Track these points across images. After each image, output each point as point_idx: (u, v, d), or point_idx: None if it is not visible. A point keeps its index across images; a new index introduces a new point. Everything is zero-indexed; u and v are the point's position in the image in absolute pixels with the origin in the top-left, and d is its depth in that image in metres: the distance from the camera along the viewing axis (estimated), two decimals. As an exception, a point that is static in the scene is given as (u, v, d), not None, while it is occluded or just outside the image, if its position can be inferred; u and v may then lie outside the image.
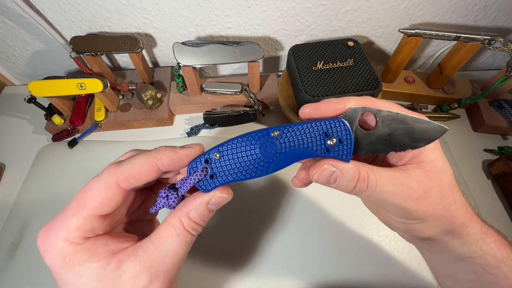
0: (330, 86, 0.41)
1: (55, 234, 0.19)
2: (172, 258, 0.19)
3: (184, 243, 0.19)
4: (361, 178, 0.20)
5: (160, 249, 0.19)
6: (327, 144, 0.20)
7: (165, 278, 0.18)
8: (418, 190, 0.20)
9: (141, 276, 0.18)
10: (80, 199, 0.20)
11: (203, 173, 0.20)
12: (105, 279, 0.18)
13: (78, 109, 0.52)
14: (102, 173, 0.20)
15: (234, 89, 0.53)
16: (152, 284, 0.18)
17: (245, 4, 0.48)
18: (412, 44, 0.46)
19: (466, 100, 0.51)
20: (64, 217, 0.20)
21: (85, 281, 0.18)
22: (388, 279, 0.39)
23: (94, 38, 0.50)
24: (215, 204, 0.20)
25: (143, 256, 0.18)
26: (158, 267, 0.18)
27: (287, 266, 0.40)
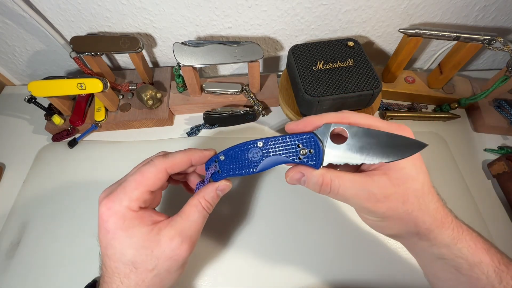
0: (330, 86, 0.41)
1: (119, 203, 0.24)
2: (195, 227, 0.26)
3: (202, 216, 0.27)
4: (324, 183, 0.24)
5: (187, 221, 0.26)
6: (300, 154, 0.25)
7: (190, 241, 0.26)
8: (377, 194, 0.23)
9: (175, 239, 0.25)
10: (138, 178, 0.26)
11: (214, 168, 0.29)
12: (149, 240, 0.24)
13: (78, 109, 0.52)
14: (153, 161, 0.27)
15: (234, 89, 0.53)
16: (182, 244, 0.25)
17: (245, 4, 0.48)
18: (412, 44, 0.46)
19: (466, 100, 0.51)
20: (126, 191, 0.25)
21: (135, 240, 0.24)
22: (388, 278, 0.39)
23: (94, 38, 0.50)
24: (221, 190, 0.28)
25: (175, 226, 0.25)
26: (186, 233, 0.25)
27: (286, 266, 0.40)
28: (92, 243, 0.43)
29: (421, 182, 0.24)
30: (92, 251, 0.42)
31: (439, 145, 0.50)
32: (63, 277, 0.41)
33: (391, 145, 0.23)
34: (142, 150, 0.51)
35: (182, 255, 0.25)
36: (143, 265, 0.24)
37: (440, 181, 0.46)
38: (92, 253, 0.42)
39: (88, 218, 0.45)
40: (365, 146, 0.24)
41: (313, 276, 0.39)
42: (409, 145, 0.23)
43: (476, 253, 0.24)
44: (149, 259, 0.24)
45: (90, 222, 0.45)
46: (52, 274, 0.41)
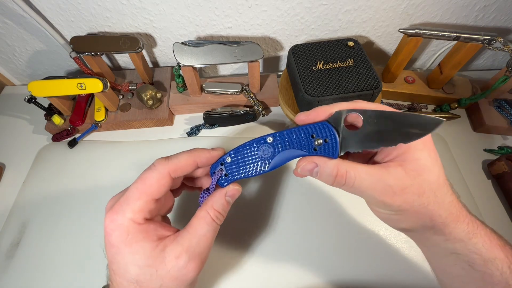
0: (330, 86, 0.41)
1: (122, 215, 0.23)
2: (204, 243, 0.24)
3: (212, 230, 0.24)
4: (339, 174, 0.23)
5: (194, 236, 0.24)
6: (314, 144, 0.23)
7: (199, 259, 0.23)
8: (394, 186, 0.22)
9: (181, 257, 0.23)
10: (140, 186, 0.24)
11: (221, 172, 0.26)
12: (153, 258, 0.22)
13: (78, 109, 0.52)
14: (155, 165, 0.25)
15: (234, 89, 0.53)
16: (190, 263, 0.23)
17: (245, 4, 0.48)
18: (412, 44, 0.46)
19: (466, 100, 0.51)
20: (128, 201, 0.23)
21: (138, 257, 0.22)
22: (388, 278, 0.39)
23: (94, 38, 0.50)
24: (230, 196, 0.26)
25: (181, 242, 0.23)
26: (194, 250, 0.23)
27: (286, 266, 0.40)
28: (92, 243, 0.43)
29: (437, 174, 0.23)
30: (91, 251, 0.42)
31: (439, 145, 0.50)
32: (63, 277, 0.41)
33: (408, 125, 0.22)
34: (142, 150, 0.51)
35: (189, 275, 0.23)
36: (148, 284, 0.22)
37: (440, 181, 0.46)
38: (92, 253, 0.42)
39: (88, 218, 0.45)
40: (381, 130, 0.22)
41: (314, 276, 0.39)
42: (426, 123, 0.22)
43: (491, 249, 0.23)
44: (154, 278, 0.22)
45: (90, 222, 0.45)
46: (52, 274, 0.41)
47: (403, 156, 0.23)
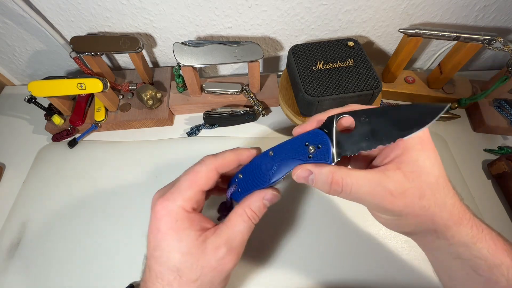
0: (330, 86, 0.41)
1: (173, 202, 0.24)
2: (240, 238, 0.25)
3: (247, 227, 0.25)
4: (334, 181, 0.22)
5: (232, 230, 0.24)
6: (308, 152, 0.23)
7: (236, 252, 0.24)
8: (393, 190, 0.21)
9: (221, 248, 0.23)
10: (191, 177, 0.25)
11: (234, 188, 0.27)
12: (196, 247, 0.23)
13: (78, 109, 0.52)
14: (204, 160, 0.26)
15: (234, 89, 0.53)
16: (227, 255, 0.24)
17: (245, 4, 0.48)
18: (412, 44, 0.46)
19: (466, 100, 0.51)
20: (180, 190, 0.25)
21: (183, 245, 0.23)
22: (388, 278, 0.39)
23: (94, 38, 0.50)
24: (268, 200, 0.26)
25: (221, 235, 0.24)
26: (231, 243, 0.24)
27: (285, 266, 0.40)
28: (92, 243, 0.43)
29: (436, 175, 0.22)
30: (92, 251, 0.42)
31: (439, 145, 0.50)
32: (63, 277, 0.41)
33: (404, 118, 0.21)
34: (142, 150, 0.51)
35: (226, 266, 0.24)
36: (188, 274, 0.23)
37: (440, 181, 0.46)
38: (92, 253, 0.42)
39: (88, 218, 0.45)
40: (375, 127, 0.22)
41: (314, 276, 0.39)
42: (424, 112, 0.21)
43: (496, 254, 0.22)
44: (194, 268, 0.23)
45: (89, 222, 0.45)
46: (52, 274, 0.41)
47: (400, 158, 0.22)
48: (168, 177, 0.51)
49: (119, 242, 0.43)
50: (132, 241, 0.43)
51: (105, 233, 0.44)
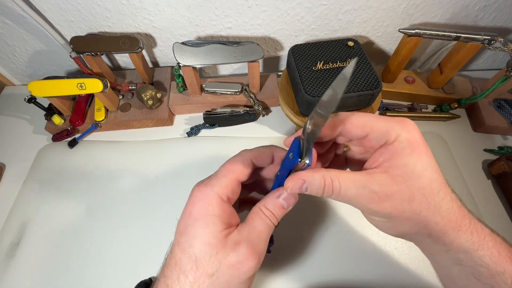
0: (330, 86, 0.41)
1: (211, 187, 0.24)
2: (258, 235, 0.24)
3: (265, 225, 0.24)
4: (327, 185, 0.22)
5: (251, 227, 0.24)
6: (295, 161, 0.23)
7: (256, 251, 0.23)
8: (378, 192, 0.22)
9: (240, 245, 0.23)
10: (228, 166, 0.26)
11: None
12: (218, 239, 0.23)
13: (78, 109, 0.52)
14: (240, 152, 0.27)
15: (234, 89, 0.53)
16: (247, 253, 0.23)
17: (245, 4, 0.48)
18: (412, 44, 0.46)
19: (466, 100, 0.51)
20: (217, 177, 0.25)
21: (206, 232, 0.23)
22: (388, 278, 0.39)
23: (94, 38, 0.50)
24: (285, 200, 0.25)
25: (241, 232, 0.24)
26: (252, 241, 0.23)
27: (284, 266, 0.40)
28: (92, 243, 0.43)
29: (429, 179, 0.22)
30: (92, 251, 0.42)
31: (439, 145, 0.50)
32: (63, 277, 0.41)
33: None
34: (142, 150, 0.51)
35: (246, 265, 0.22)
36: (204, 266, 0.22)
37: (440, 181, 0.46)
38: (92, 253, 0.42)
39: (88, 218, 0.45)
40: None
41: (313, 276, 0.39)
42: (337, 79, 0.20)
43: (499, 262, 0.22)
44: (212, 260, 0.22)
45: (89, 222, 0.45)
46: (52, 274, 0.41)
47: (389, 162, 0.22)
48: (168, 177, 0.51)
49: (119, 241, 0.43)
50: (133, 241, 0.43)
51: (105, 233, 0.44)
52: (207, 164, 0.30)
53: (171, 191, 0.47)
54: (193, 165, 0.49)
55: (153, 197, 0.46)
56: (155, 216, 0.45)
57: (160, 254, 0.27)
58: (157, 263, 0.26)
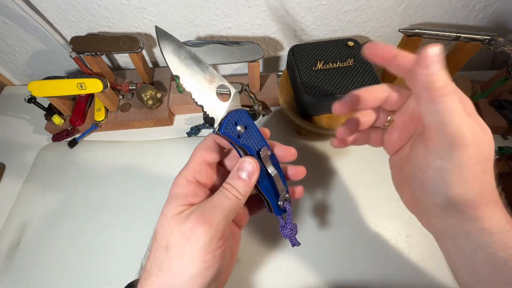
0: (330, 86, 0.41)
1: (181, 172, 0.26)
2: (213, 205, 0.23)
3: (223, 196, 0.24)
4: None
5: (207, 200, 0.24)
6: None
7: (206, 217, 0.22)
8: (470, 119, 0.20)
9: (192, 214, 0.22)
10: (194, 152, 0.27)
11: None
12: (173, 213, 0.23)
13: (78, 109, 0.52)
14: (205, 137, 0.28)
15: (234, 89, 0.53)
16: (196, 218, 0.22)
17: (245, 4, 0.48)
18: (412, 44, 0.46)
19: (466, 100, 0.51)
20: (187, 163, 0.26)
21: (167, 208, 0.24)
22: (388, 278, 0.39)
23: (94, 38, 0.50)
24: (241, 170, 0.24)
25: (198, 206, 0.23)
26: (203, 210, 0.23)
27: (284, 266, 0.40)
28: (92, 243, 0.43)
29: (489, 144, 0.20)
30: (92, 251, 0.42)
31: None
32: (63, 277, 0.41)
33: None
34: (142, 150, 0.51)
35: (195, 232, 0.21)
36: (160, 238, 0.22)
37: (440, 181, 0.46)
38: (92, 253, 0.42)
39: (88, 218, 0.45)
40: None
41: (313, 276, 0.39)
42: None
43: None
44: (166, 232, 0.22)
45: (90, 222, 0.45)
46: (52, 274, 0.41)
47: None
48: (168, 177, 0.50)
49: (119, 241, 0.43)
50: (132, 241, 0.43)
51: (105, 233, 0.44)
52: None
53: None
54: (193, 165, 0.49)
55: (153, 197, 0.46)
56: (155, 216, 0.44)
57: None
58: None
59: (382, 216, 0.43)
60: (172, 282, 0.21)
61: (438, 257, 0.40)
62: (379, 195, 0.45)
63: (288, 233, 0.27)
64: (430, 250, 0.41)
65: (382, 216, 0.43)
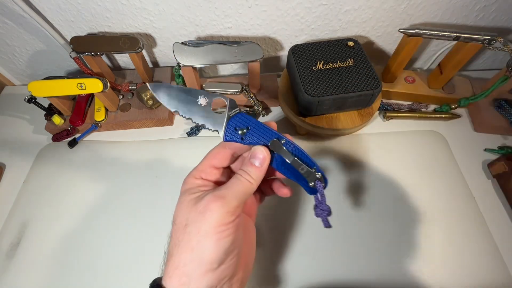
0: (330, 86, 0.41)
1: (190, 174, 0.28)
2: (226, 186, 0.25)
3: (236, 180, 0.26)
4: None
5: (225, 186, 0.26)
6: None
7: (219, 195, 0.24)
8: None
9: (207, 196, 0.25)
10: (205, 156, 0.29)
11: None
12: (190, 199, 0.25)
13: (78, 109, 0.52)
14: (219, 144, 0.29)
15: (234, 89, 0.53)
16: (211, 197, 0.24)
17: (245, 4, 0.48)
18: (412, 44, 0.46)
19: (466, 100, 0.51)
20: (196, 166, 0.28)
21: (182, 199, 0.26)
22: (388, 278, 0.39)
23: (94, 38, 0.50)
24: (254, 158, 0.27)
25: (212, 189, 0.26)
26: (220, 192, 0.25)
27: (284, 266, 0.40)
28: (91, 243, 0.43)
29: None
30: (91, 250, 0.42)
31: (440, 144, 0.50)
32: (63, 277, 0.41)
33: None
34: (142, 150, 0.51)
35: (210, 208, 0.23)
36: (179, 220, 0.25)
37: (441, 181, 0.46)
38: (92, 253, 0.42)
39: (87, 218, 0.45)
40: None
41: (313, 276, 0.39)
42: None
43: None
44: (184, 213, 0.25)
45: (89, 222, 0.45)
46: (52, 274, 0.41)
47: None
48: (168, 177, 0.51)
49: (119, 241, 0.43)
50: (132, 241, 0.43)
51: (105, 233, 0.44)
52: (207, 164, 0.30)
53: (171, 191, 0.46)
54: (193, 165, 0.49)
55: (153, 197, 0.46)
56: (155, 216, 0.44)
57: (160, 253, 0.28)
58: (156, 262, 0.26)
59: (382, 216, 0.43)
60: (191, 255, 0.23)
61: (438, 257, 0.40)
62: (378, 195, 0.45)
63: (319, 212, 0.28)
64: (430, 250, 0.41)
65: (382, 216, 0.43)
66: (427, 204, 0.44)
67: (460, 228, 0.42)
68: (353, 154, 0.49)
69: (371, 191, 0.46)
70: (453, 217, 0.43)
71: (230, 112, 0.28)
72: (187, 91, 0.29)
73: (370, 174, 0.47)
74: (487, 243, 0.41)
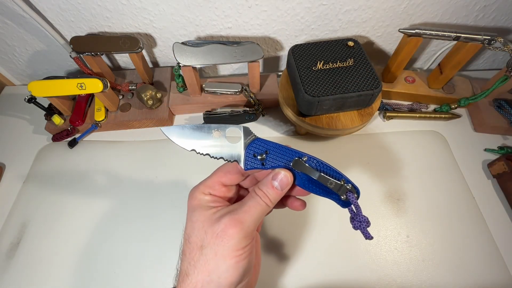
0: (330, 86, 0.41)
1: (197, 186, 0.27)
2: (245, 209, 0.25)
3: (255, 202, 0.25)
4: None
5: (240, 204, 0.26)
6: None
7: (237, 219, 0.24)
8: None
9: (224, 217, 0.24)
10: (216, 171, 0.28)
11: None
12: (204, 216, 0.25)
13: (78, 109, 0.52)
14: (231, 163, 0.28)
15: (234, 89, 0.53)
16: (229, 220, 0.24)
17: (245, 4, 0.48)
18: (412, 44, 0.46)
19: (466, 100, 0.51)
20: (206, 179, 0.28)
21: (194, 214, 0.26)
22: (388, 278, 0.39)
23: (94, 38, 0.50)
24: (276, 181, 0.26)
25: (229, 208, 0.26)
26: (235, 212, 0.25)
27: (283, 266, 0.40)
28: (92, 243, 0.43)
29: None
30: (91, 250, 0.42)
31: (440, 144, 0.50)
32: (63, 277, 0.41)
33: None
34: (142, 150, 0.51)
35: (228, 233, 0.24)
36: (194, 240, 0.24)
37: (441, 181, 0.46)
38: (92, 253, 0.42)
39: (87, 218, 0.45)
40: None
41: (313, 276, 0.39)
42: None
43: None
44: (200, 233, 0.24)
45: (89, 222, 0.45)
46: (52, 274, 0.41)
47: None
48: (168, 177, 0.51)
49: (119, 241, 0.43)
50: (133, 240, 0.43)
51: (105, 233, 0.44)
52: (207, 164, 0.30)
53: (171, 190, 0.47)
54: (193, 165, 0.49)
55: (153, 196, 0.46)
56: (155, 216, 0.45)
57: (160, 252, 0.28)
58: (156, 261, 0.27)
59: (382, 216, 0.43)
60: (209, 278, 0.23)
61: (438, 257, 0.40)
62: (378, 195, 0.45)
63: (357, 225, 0.26)
64: (430, 250, 0.41)
65: (382, 216, 0.43)
66: (427, 204, 0.44)
67: (460, 228, 0.42)
68: (353, 154, 0.49)
69: (371, 191, 0.46)
70: (453, 217, 0.43)
71: (246, 139, 0.28)
72: (200, 128, 0.28)
73: (370, 174, 0.47)
74: (487, 243, 0.41)
